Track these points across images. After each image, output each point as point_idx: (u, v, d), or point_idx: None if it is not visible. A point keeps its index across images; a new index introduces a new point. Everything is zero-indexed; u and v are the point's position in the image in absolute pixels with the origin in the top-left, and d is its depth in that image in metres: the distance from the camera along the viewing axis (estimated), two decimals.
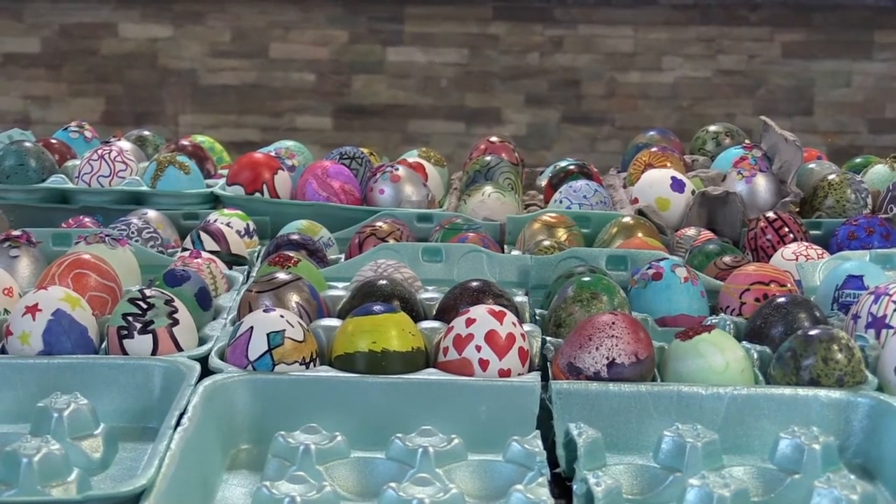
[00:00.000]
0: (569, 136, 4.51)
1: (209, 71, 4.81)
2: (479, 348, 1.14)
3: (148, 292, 1.19)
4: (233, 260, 1.48)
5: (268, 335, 1.14)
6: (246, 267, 1.48)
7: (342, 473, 1.03)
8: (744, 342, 1.18)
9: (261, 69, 4.81)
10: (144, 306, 1.18)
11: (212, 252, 1.45)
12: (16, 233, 1.40)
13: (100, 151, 1.70)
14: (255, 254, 1.54)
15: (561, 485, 1.04)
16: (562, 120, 4.74)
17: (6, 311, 1.25)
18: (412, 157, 1.81)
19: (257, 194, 1.67)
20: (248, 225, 1.57)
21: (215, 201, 1.70)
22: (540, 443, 1.04)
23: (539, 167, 1.94)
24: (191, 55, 4.80)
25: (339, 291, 1.32)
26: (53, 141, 1.83)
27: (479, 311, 1.16)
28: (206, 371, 1.14)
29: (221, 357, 1.16)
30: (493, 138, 1.89)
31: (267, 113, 4.83)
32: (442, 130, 4.82)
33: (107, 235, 1.37)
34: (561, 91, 4.67)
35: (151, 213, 1.58)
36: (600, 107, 4.49)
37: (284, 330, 1.14)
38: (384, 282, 1.27)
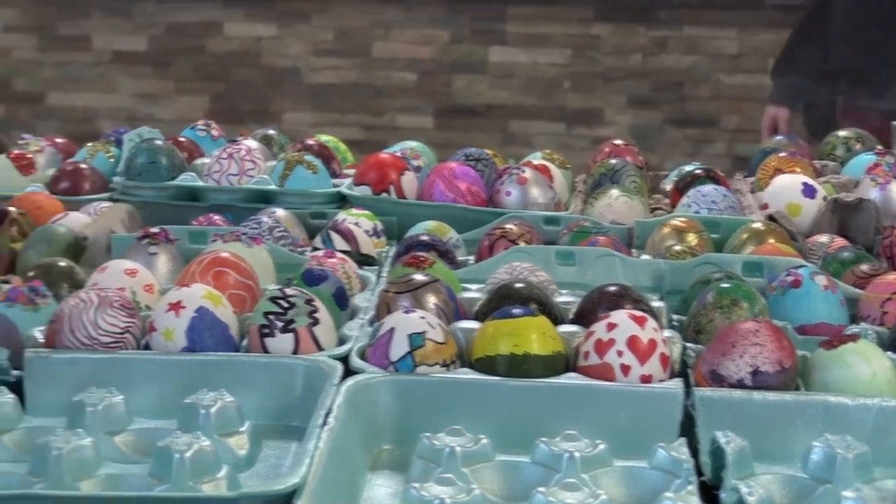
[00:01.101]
0: (672, 139, 4.48)
1: (312, 70, 4.85)
2: (620, 353, 1.13)
3: (289, 291, 1.20)
4: (362, 260, 1.49)
5: (409, 336, 1.14)
6: (376, 267, 1.49)
7: (487, 476, 1.03)
8: (888, 352, 1.16)
9: (363, 68, 4.83)
10: (286, 305, 1.19)
11: (342, 251, 1.46)
12: (154, 230, 1.41)
13: (229, 150, 1.72)
14: (384, 254, 1.55)
15: (705, 493, 1.03)
16: (665, 122, 4.71)
17: (147, 307, 1.27)
18: (536, 158, 1.81)
19: (384, 194, 1.67)
20: (375, 225, 1.57)
21: (342, 201, 1.71)
22: (687, 450, 1.03)
23: (662, 171, 1.93)
24: (294, 54, 4.84)
25: (474, 293, 1.32)
26: (182, 139, 1.85)
27: (621, 316, 1.15)
28: (346, 371, 1.14)
29: (361, 357, 1.17)
30: (618, 141, 1.88)
31: (369, 112, 4.85)
32: (543, 131, 4.81)
33: (243, 234, 1.38)
34: (664, 92, 4.64)
35: (280, 212, 1.59)
36: (705, 109, 4.46)
37: (425, 331, 1.14)
38: (521, 285, 1.27)
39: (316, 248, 1.52)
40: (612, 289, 1.25)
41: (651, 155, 4.22)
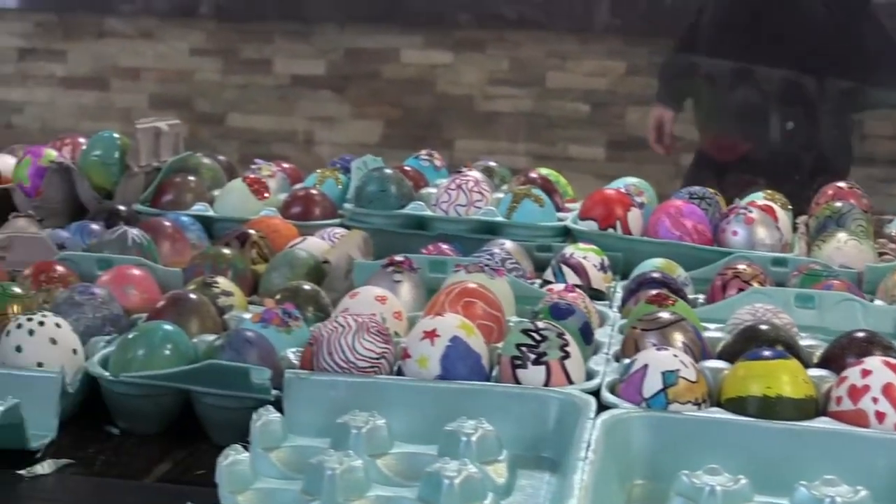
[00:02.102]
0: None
1: (486, 98, 4.90)
2: (875, 400, 1.13)
3: (540, 324, 1.23)
4: (592, 294, 1.51)
5: (662, 374, 1.16)
6: (606, 302, 1.51)
7: None
8: None
9: (537, 98, 4.86)
10: (538, 338, 1.21)
11: (574, 286, 1.48)
12: (398, 258, 1.45)
13: (457, 181, 1.76)
14: (612, 289, 1.56)
15: None
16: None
17: (396, 333, 1.30)
18: (758, 198, 1.81)
19: (610, 230, 1.69)
20: (602, 260, 1.59)
21: (566, 235, 1.74)
22: None
23: (885, 214, 1.91)
24: (468, 82, 4.89)
25: (714, 333, 1.33)
26: (407, 168, 1.89)
27: (875, 363, 1.15)
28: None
29: (611, 392, 1.19)
30: (841, 184, 1.87)
31: (541, 141, 4.88)
32: None
33: (485, 265, 1.42)
34: None
35: (509, 244, 1.62)
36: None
37: (679, 370, 1.16)
38: (766, 326, 1.27)
39: (547, 282, 1.54)
40: (861, 335, 1.25)
41: None
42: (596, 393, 1.19)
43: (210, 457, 1.18)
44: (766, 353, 1.18)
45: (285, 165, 2.00)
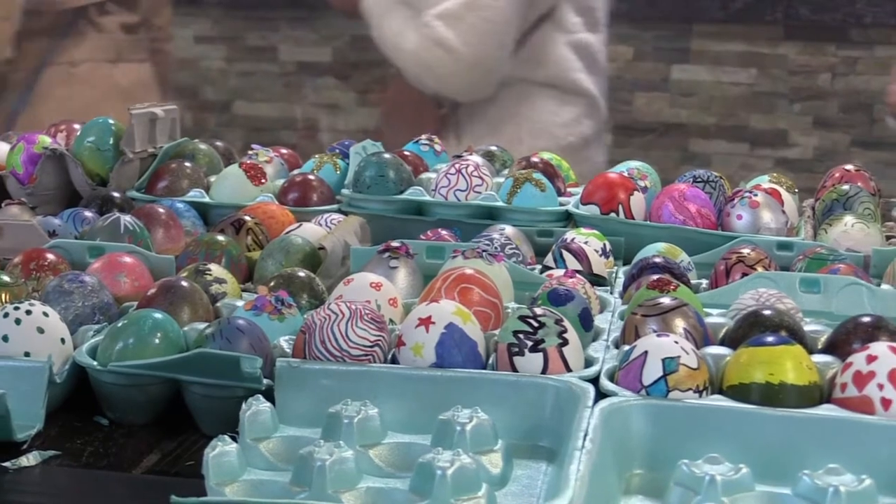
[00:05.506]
0: (860, 162, 4.39)
1: None
2: (881, 386, 1.10)
3: (538, 311, 1.20)
4: (593, 280, 1.48)
5: (663, 360, 1.13)
6: (607, 287, 1.48)
7: None
8: None
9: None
10: (536, 324, 1.18)
11: (575, 271, 1.45)
12: (395, 244, 1.42)
13: (457, 166, 1.72)
14: (613, 274, 1.54)
15: None
16: (852, 144, 4.61)
17: (391, 320, 1.28)
18: (763, 182, 1.78)
19: (613, 214, 1.66)
20: (604, 245, 1.56)
21: (568, 220, 1.71)
22: None
23: (892, 197, 1.88)
24: None
25: (716, 318, 1.30)
26: (406, 153, 1.86)
27: (881, 349, 1.12)
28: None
29: (610, 380, 1.16)
30: (849, 166, 1.84)
31: None
32: (724, 151, 4.76)
33: (483, 251, 1.39)
34: (853, 114, 4.55)
35: (510, 229, 1.59)
36: None
37: (679, 356, 1.13)
38: (770, 312, 1.24)
39: (547, 267, 1.52)
40: (867, 320, 1.22)
41: None
42: (595, 380, 1.16)
43: (200, 448, 1.16)
44: (770, 338, 1.15)
45: (283, 151, 1.97)
